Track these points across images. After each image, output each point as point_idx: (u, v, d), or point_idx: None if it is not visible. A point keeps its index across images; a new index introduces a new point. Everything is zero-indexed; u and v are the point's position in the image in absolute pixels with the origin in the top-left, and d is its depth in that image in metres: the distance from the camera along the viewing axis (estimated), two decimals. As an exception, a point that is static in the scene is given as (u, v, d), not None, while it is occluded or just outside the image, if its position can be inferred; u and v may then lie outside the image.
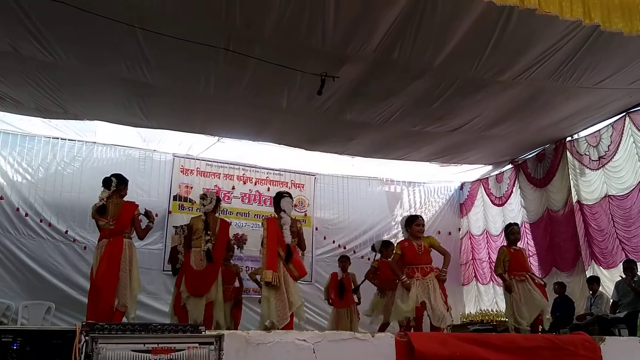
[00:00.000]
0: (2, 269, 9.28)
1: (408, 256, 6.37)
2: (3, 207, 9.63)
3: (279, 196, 6.21)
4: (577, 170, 9.96)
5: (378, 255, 8.81)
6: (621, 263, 8.56)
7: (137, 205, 6.41)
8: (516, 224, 7.98)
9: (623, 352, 5.16)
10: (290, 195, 6.26)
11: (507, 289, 7.16)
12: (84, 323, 2.86)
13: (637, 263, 8.34)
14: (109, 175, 6.47)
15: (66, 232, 9.91)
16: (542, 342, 4.90)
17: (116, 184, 6.33)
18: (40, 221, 9.82)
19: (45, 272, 9.61)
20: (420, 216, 6.89)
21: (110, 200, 6.26)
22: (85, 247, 9.87)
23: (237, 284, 8.54)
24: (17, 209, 9.69)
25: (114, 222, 6.13)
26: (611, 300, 8.62)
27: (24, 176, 9.93)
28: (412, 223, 6.60)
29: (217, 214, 7.09)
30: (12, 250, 9.49)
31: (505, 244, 7.83)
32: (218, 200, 7.12)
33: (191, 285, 6.52)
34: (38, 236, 9.76)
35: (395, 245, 7.68)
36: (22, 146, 10.01)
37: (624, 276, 8.26)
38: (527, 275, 7.13)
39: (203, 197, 7.02)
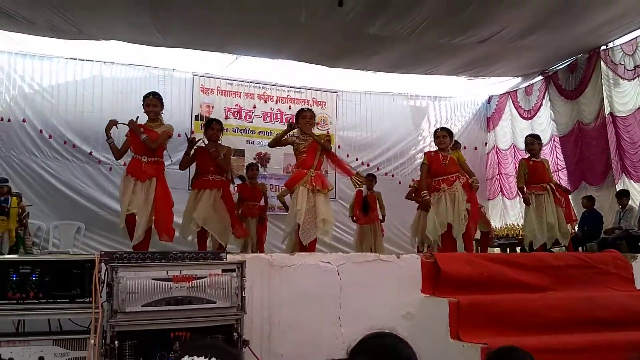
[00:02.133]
0: (30, 191, 9.38)
1: (434, 167, 6.34)
2: (26, 129, 9.65)
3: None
4: (611, 81, 9.57)
5: None
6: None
7: None
8: (533, 135, 7.67)
9: (656, 270, 5.03)
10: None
11: (525, 202, 7.17)
12: (103, 252, 2.82)
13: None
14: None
15: (90, 153, 9.93)
16: (572, 260, 4.79)
17: None
18: (64, 143, 9.84)
19: (73, 193, 9.74)
20: (443, 128, 6.73)
21: None
22: (110, 168, 9.91)
23: (262, 202, 8.55)
24: (41, 131, 9.70)
25: None
26: (639, 216, 8.48)
27: (45, 98, 9.85)
28: (434, 135, 6.57)
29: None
30: (38, 172, 9.59)
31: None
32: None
33: None
34: (63, 158, 9.82)
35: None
36: (42, 68, 9.89)
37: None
38: (549, 187, 6.99)
39: None
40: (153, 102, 5.78)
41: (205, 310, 2.82)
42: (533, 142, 7.35)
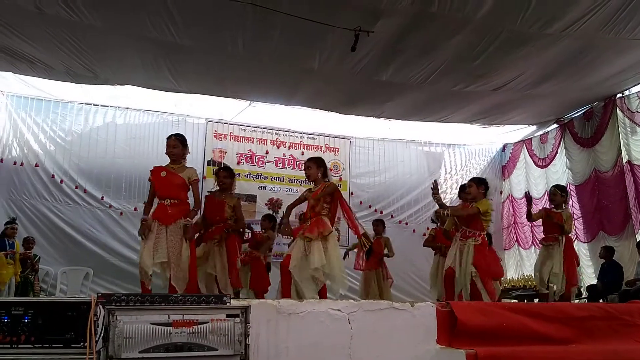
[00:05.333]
0: (39, 236, 9.30)
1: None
2: (39, 174, 9.66)
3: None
4: (628, 129, 9.42)
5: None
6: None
7: None
8: (556, 186, 7.48)
9: (683, 322, 4.76)
10: None
11: (528, 218, 7.38)
12: (100, 294, 2.67)
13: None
14: None
15: (102, 198, 9.91)
16: (595, 311, 4.56)
17: None
18: (76, 187, 9.83)
19: (83, 238, 9.65)
20: (472, 179, 6.50)
21: None
22: (121, 213, 9.91)
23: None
24: (53, 176, 9.72)
25: None
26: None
27: (58, 143, 9.91)
28: (461, 191, 6.78)
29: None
30: (49, 217, 9.55)
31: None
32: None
33: None
34: (74, 202, 9.78)
35: None
36: (56, 112, 9.99)
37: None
38: (561, 239, 6.85)
39: None
40: (173, 143, 5.65)
41: (206, 358, 2.64)
42: (555, 192, 7.24)
